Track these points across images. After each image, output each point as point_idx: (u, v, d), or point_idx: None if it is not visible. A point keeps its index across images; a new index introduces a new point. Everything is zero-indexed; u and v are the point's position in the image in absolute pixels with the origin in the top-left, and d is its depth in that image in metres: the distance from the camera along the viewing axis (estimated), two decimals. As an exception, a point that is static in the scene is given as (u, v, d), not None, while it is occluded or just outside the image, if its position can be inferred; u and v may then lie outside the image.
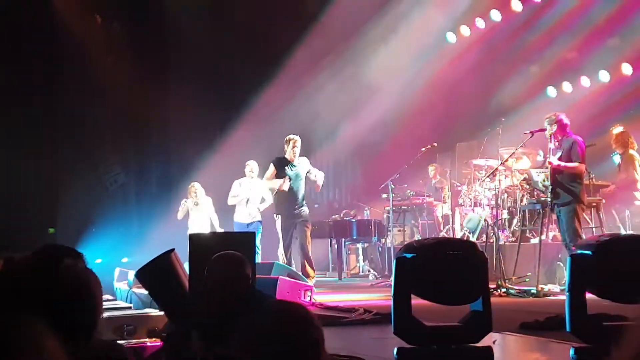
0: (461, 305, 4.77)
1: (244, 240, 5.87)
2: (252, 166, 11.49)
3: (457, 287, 4.59)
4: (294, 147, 10.21)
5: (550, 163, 8.93)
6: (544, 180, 9.22)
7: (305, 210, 10.24)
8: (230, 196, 11.40)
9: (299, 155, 10.40)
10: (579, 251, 4.55)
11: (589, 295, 4.56)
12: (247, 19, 14.44)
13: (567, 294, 4.44)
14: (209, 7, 14.74)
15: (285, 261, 9.90)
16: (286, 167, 10.24)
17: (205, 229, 12.17)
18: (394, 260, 4.67)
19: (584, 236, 8.56)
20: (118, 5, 15.12)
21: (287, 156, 10.29)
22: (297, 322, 2.05)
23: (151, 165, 15.86)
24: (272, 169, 10.38)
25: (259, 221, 11.28)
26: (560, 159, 8.90)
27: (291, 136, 10.36)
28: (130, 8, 15.13)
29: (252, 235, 6.14)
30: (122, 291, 10.00)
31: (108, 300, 10.21)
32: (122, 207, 15.15)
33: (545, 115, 9.24)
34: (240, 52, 15.01)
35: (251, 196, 11.34)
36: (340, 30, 14.38)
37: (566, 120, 9.00)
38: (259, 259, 10.28)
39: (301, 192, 10.26)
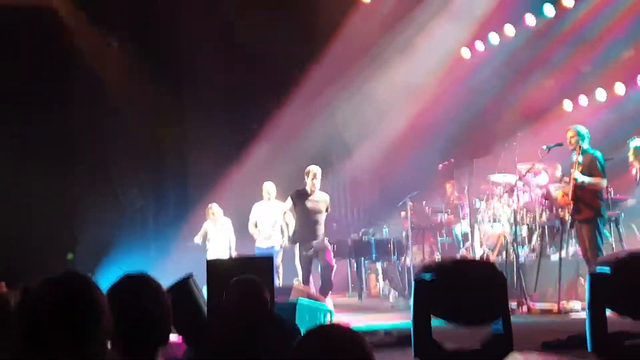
0: (481, 326, 4.74)
1: (261, 265, 5.86)
2: (268, 188, 11.46)
3: (477, 308, 4.56)
4: (313, 178, 9.75)
5: (574, 180, 8.81)
6: (561, 196, 9.16)
7: (322, 243, 9.83)
8: (250, 223, 11.42)
9: (320, 189, 9.96)
10: (598, 269, 4.51)
11: (610, 313, 4.52)
12: (260, 38, 14.50)
13: (587, 312, 4.41)
14: (222, 27, 14.81)
15: None
16: (305, 201, 9.84)
17: (225, 251, 12.21)
18: (413, 282, 4.66)
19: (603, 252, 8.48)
20: (132, 27, 15.22)
21: (307, 188, 9.84)
22: (349, 347, 2.02)
23: (169, 187, 15.90)
24: (289, 202, 10.01)
25: (279, 246, 11.29)
26: (581, 173, 8.82)
27: (311, 167, 9.88)
28: (145, 30, 15.23)
29: (270, 259, 6.14)
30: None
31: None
32: (141, 230, 15.18)
33: (565, 128, 9.18)
34: (255, 73, 15.06)
35: (268, 219, 11.36)
36: (354, 48, 14.41)
37: (586, 133, 8.92)
38: (278, 283, 10.26)
39: (320, 225, 9.84)
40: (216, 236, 12.45)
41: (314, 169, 9.86)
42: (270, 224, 11.35)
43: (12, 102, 13.76)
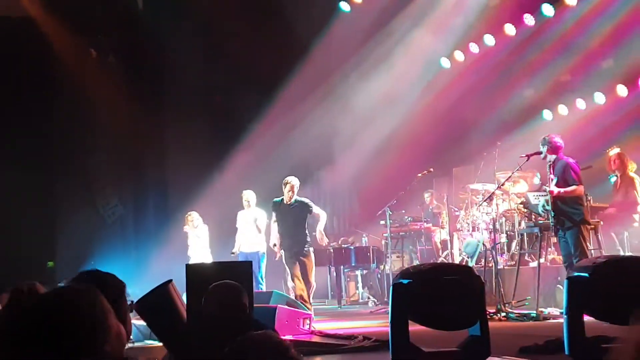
0: (459, 330, 4.77)
1: (241, 270, 5.86)
2: (247, 196, 11.57)
3: (455, 312, 4.59)
4: (290, 190, 10.19)
5: (551, 192, 8.89)
6: (544, 205, 9.21)
7: (305, 248, 10.16)
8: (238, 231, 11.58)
9: (302, 196, 10.49)
10: (576, 273, 4.56)
11: (588, 318, 4.55)
12: (240, 51, 14.53)
13: (565, 316, 4.45)
14: (203, 39, 14.82)
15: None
16: (283, 210, 10.29)
17: (205, 257, 12.21)
18: (391, 287, 4.68)
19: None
20: (113, 39, 15.20)
21: (284, 198, 10.30)
22: (272, 349, 2.06)
23: (149, 197, 15.86)
24: (273, 214, 10.51)
25: (263, 252, 11.33)
26: (557, 184, 8.89)
27: (287, 179, 10.34)
28: (125, 41, 15.22)
29: (249, 264, 6.13)
30: (121, 323, 9.95)
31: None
32: (121, 239, 15.12)
33: (540, 139, 9.27)
34: (235, 84, 15.08)
35: (248, 225, 11.42)
36: (334, 58, 14.49)
37: (559, 142, 9.00)
38: (263, 289, 10.35)
39: (300, 229, 10.20)
40: (196, 243, 12.47)
41: (292, 180, 10.28)
42: (252, 230, 11.41)
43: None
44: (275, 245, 10.37)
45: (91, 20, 14.85)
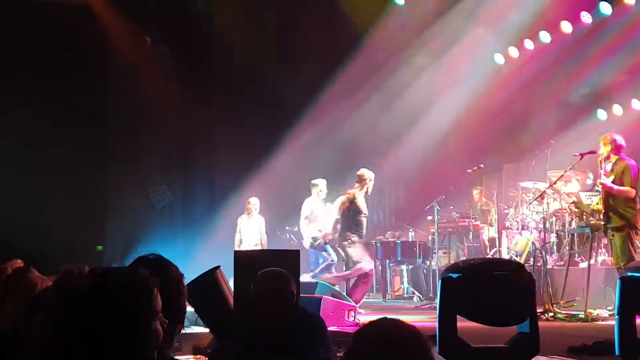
0: (508, 326, 4.71)
1: (289, 257, 5.87)
2: (320, 186, 11.66)
3: (504, 308, 4.53)
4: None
5: (602, 184, 8.78)
6: (597, 204, 9.07)
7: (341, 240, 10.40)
8: (303, 217, 11.64)
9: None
10: (629, 274, 4.46)
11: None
12: (291, 41, 14.54)
13: (617, 317, 4.37)
14: (254, 27, 14.87)
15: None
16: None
17: (256, 245, 12.33)
18: (439, 280, 4.64)
19: None
20: (166, 27, 15.35)
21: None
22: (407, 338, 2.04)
23: (197, 184, 16.01)
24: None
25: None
26: (613, 182, 8.74)
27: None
28: (177, 30, 15.35)
29: (297, 252, 6.14)
30: (168, 308, 10.08)
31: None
32: (169, 225, 15.28)
33: (600, 137, 9.09)
34: (285, 74, 15.11)
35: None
36: (386, 51, 14.40)
37: (621, 142, 8.83)
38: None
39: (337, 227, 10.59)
40: (249, 231, 12.58)
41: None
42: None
43: (49, 100, 13.95)
44: None
45: (145, 7, 15.01)
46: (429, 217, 12.83)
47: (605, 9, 12.52)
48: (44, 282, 3.93)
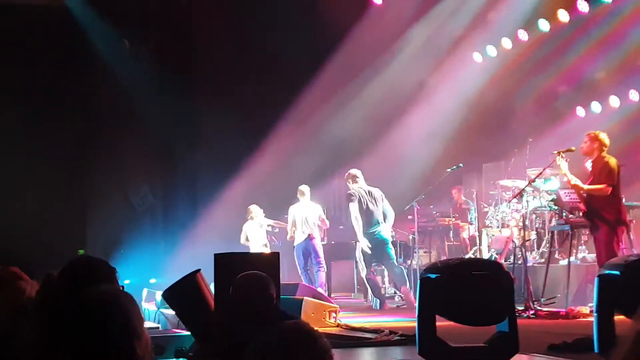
0: (487, 326, 4.73)
1: (268, 261, 5.87)
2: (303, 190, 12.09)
3: (483, 308, 4.55)
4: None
5: (574, 186, 8.82)
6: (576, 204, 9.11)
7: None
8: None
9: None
10: (606, 271, 4.49)
11: (619, 317, 4.49)
12: (271, 42, 14.53)
13: (595, 314, 4.40)
14: (234, 29, 14.85)
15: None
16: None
17: (265, 245, 12.47)
18: (419, 281, 4.65)
19: None
20: (145, 29, 15.29)
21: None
22: (302, 338, 2.08)
23: (179, 187, 15.96)
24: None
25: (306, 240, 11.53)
26: (592, 182, 8.78)
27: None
28: (158, 32, 15.31)
29: (277, 255, 6.14)
30: (150, 312, 10.06)
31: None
32: (150, 228, 15.25)
33: (583, 133, 9.13)
34: (266, 73, 15.10)
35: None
36: (367, 50, 14.40)
37: (604, 140, 8.84)
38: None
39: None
40: (257, 235, 12.60)
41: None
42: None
43: (28, 101, 13.86)
44: None
45: (124, 10, 14.95)
46: (409, 217, 12.84)
47: (583, 7, 12.60)
48: (33, 287, 3.92)
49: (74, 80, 14.60)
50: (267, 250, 11.82)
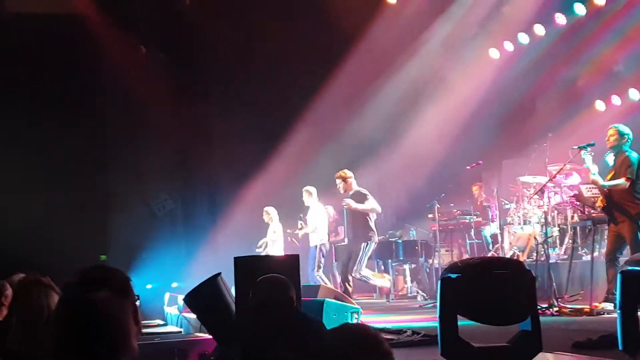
0: (509, 325, 4.69)
1: (288, 263, 5.85)
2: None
3: (504, 307, 4.50)
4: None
5: (592, 181, 8.74)
6: (600, 200, 9.01)
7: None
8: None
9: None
10: (630, 267, 4.44)
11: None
12: (286, 50, 14.54)
13: (619, 311, 4.34)
14: (248, 34, 14.87)
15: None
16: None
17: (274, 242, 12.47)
18: (439, 281, 4.62)
19: None
20: (161, 36, 15.36)
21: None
22: (366, 344, 2.12)
23: (197, 191, 16.03)
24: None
25: (315, 246, 11.46)
26: (614, 177, 8.69)
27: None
28: (173, 38, 15.37)
29: (296, 257, 6.12)
30: (172, 316, 10.11)
31: (159, 324, 10.35)
32: (171, 233, 15.31)
33: (604, 127, 9.04)
34: (282, 78, 15.11)
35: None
36: (381, 51, 14.38)
37: (629, 134, 8.75)
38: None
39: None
40: (270, 238, 12.63)
41: (340, 173, 10.94)
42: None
43: (46, 109, 13.97)
44: None
45: (139, 16, 15.02)
46: (430, 215, 12.80)
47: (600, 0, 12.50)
48: (52, 296, 3.93)
49: (91, 87, 14.69)
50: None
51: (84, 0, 14.47)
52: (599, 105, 13.12)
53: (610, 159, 9.86)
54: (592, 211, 9.56)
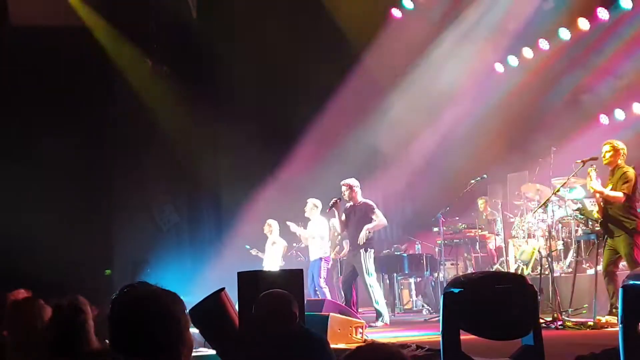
0: (512, 339, 4.70)
1: (292, 278, 5.88)
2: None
3: (507, 322, 4.51)
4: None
5: (592, 188, 8.78)
6: (596, 212, 9.05)
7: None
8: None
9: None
10: (630, 282, 4.45)
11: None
12: (292, 60, 14.61)
13: (620, 325, 4.35)
14: (255, 47, 14.94)
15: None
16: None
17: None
18: (441, 295, 4.63)
19: None
20: (167, 48, 15.44)
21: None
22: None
23: (203, 205, 16.06)
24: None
25: (320, 258, 11.40)
26: (611, 190, 8.72)
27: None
28: (179, 50, 15.45)
29: (300, 272, 6.15)
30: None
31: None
32: (176, 247, 15.33)
33: (604, 143, 9.08)
34: (288, 92, 15.18)
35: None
36: (384, 65, 14.45)
37: (623, 149, 8.81)
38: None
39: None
40: (271, 253, 12.54)
41: (348, 181, 10.73)
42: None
43: (50, 121, 14.03)
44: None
45: (146, 30, 15.11)
46: (435, 229, 12.81)
47: (603, 15, 12.53)
48: (47, 313, 3.95)
49: (96, 99, 14.77)
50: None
51: (89, 13, 14.57)
52: (603, 119, 13.14)
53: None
54: (595, 225, 9.57)
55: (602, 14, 12.55)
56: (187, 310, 2.38)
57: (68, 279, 11.64)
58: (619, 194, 8.59)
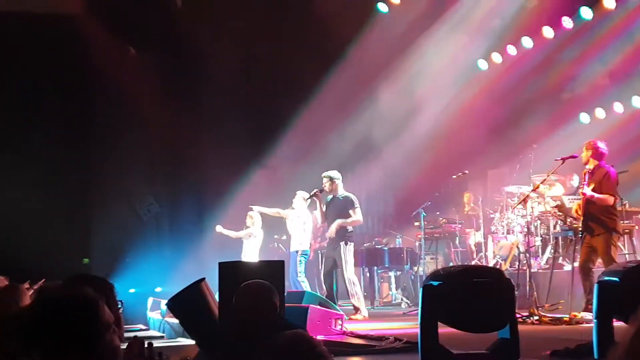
0: (489, 332, 4.77)
1: (272, 269, 5.91)
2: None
3: (484, 315, 4.59)
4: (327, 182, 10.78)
5: (583, 194, 8.87)
6: (575, 210, 9.17)
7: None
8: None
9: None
10: (606, 278, 4.53)
11: (620, 323, 4.53)
12: (277, 53, 14.60)
13: (595, 321, 4.44)
14: (240, 39, 14.91)
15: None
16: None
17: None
18: (421, 289, 4.69)
19: None
20: (151, 37, 15.34)
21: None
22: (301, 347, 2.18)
23: (184, 196, 15.99)
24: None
25: (296, 251, 11.37)
26: (593, 189, 8.83)
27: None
28: (163, 40, 15.36)
29: (281, 263, 6.18)
30: (155, 321, 10.09)
31: (141, 329, 10.34)
32: (156, 237, 15.27)
33: (583, 142, 9.19)
34: (272, 85, 15.16)
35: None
36: (371, 60, 14.47)
37: (603, 149, 8.91)
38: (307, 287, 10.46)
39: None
40: (250, 244, 12.45)
41: (330, 173, 10.80)
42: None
43: (29, 110, 13.92)
44: None
45: (129, 18, 14.99)
46: (416, 223, 12.88)
47: (586, 14, 12.63)
48: (26, 300, 3.96)
49: (77, 87, 14.62)
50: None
51: (73, 0, 14.43)
52: (584, 117, 13.26)
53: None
54: (573, 222, 9.69)
55: (586, 13, 12.65)
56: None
57: (46, 268, 11.58)
58: (608, 197, 8.70)
